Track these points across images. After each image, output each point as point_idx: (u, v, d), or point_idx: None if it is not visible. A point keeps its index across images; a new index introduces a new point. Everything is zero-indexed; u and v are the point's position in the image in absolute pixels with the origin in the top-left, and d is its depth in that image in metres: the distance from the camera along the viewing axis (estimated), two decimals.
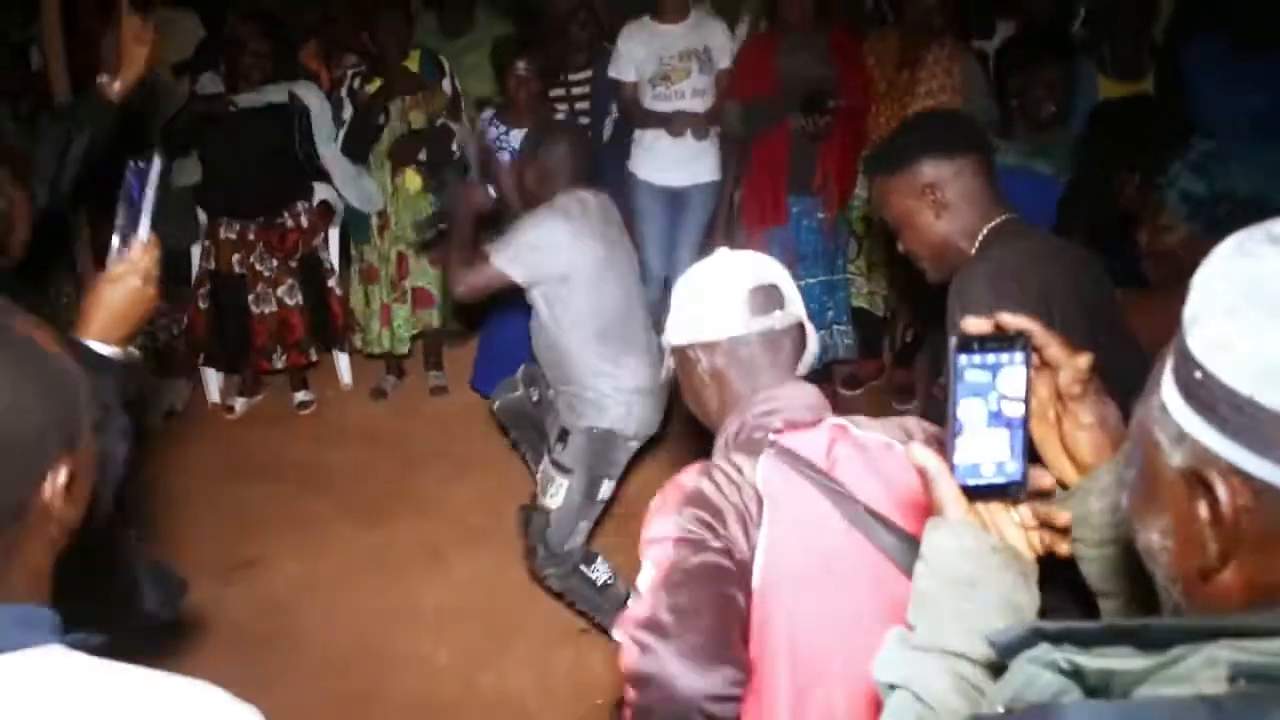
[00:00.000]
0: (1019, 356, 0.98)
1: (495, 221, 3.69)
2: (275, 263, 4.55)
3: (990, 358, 0.97)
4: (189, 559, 3.70)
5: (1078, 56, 3.91)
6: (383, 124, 4.46)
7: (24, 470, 0.91)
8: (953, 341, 0.96)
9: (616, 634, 2.66)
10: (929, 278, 2.20)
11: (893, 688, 0.99)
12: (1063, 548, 1.05)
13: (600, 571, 3.35)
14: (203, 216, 4.62)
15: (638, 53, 4.59)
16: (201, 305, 4.59)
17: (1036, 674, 0.79)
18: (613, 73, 4.65)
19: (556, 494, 3.22)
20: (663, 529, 1.48)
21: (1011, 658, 0.82)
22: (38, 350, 0.94)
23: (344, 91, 4.50)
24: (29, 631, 0.90)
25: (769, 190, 4.53)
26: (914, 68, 4.22)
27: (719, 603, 1.42)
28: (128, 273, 1.64)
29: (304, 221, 4.61)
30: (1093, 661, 0.76)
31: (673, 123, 4.54)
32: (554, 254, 3.10)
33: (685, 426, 3.17)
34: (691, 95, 4.58)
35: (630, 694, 1.44)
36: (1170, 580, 0.80)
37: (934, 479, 1.00)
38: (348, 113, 4.47)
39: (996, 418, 0.98)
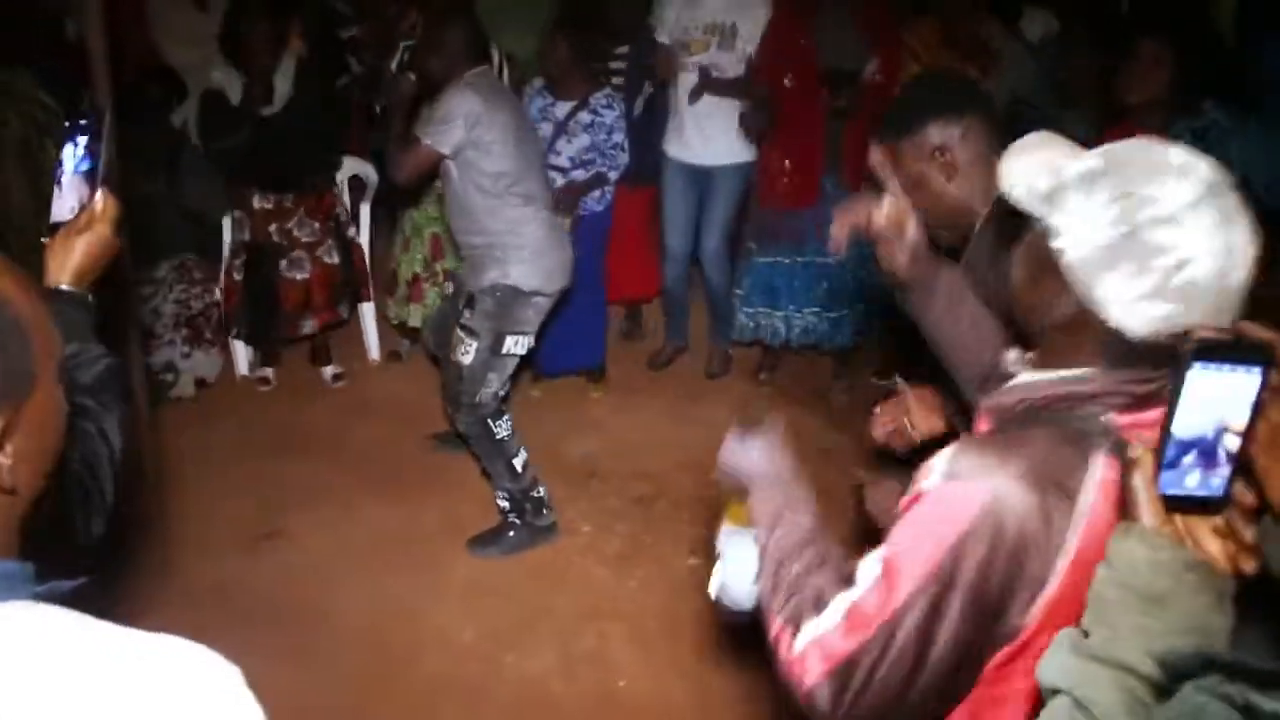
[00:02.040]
0: (1256, 372, 0.91)
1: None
2: (316, 225, 4.60)
3: (1226, 368, 0.91)
4: (216, 529, 3.72)
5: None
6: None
7: None
8: (1188, 346, 0.90)
9: None
10: (941, 242, 2.13)
11: (1056, 692, 0.94)
12: (1248, 565, 0.97)
13: (502, 429, 3.66)
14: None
15: (670, 15, 4.60)
16: (236, 277, 4.62)
17: (1205, 704, 0.75)
18: (656, 34, 4.65)
19: (467, 353, 3.58)
20: (932, 548, 1.18)
21: (1181, 683, 0.77)
22: None
23: (394, 66, 4.50)
24: None
25: (799, 170, 4.50)
26: (953, 48, 4.17)
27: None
28: (97, 221, 1.62)
29: (334, 185, 4.70)
30: (1269, 703, 0.71)
31: (695, 87, 4.52)
32: (471, 122, 3.44)
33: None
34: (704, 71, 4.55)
35: None
36: None
37: (1136, 481, 0.95)
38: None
39: (1216, 431, 0.92)
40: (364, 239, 4.92)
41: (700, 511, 3.68)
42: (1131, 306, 1.11)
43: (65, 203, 1.64)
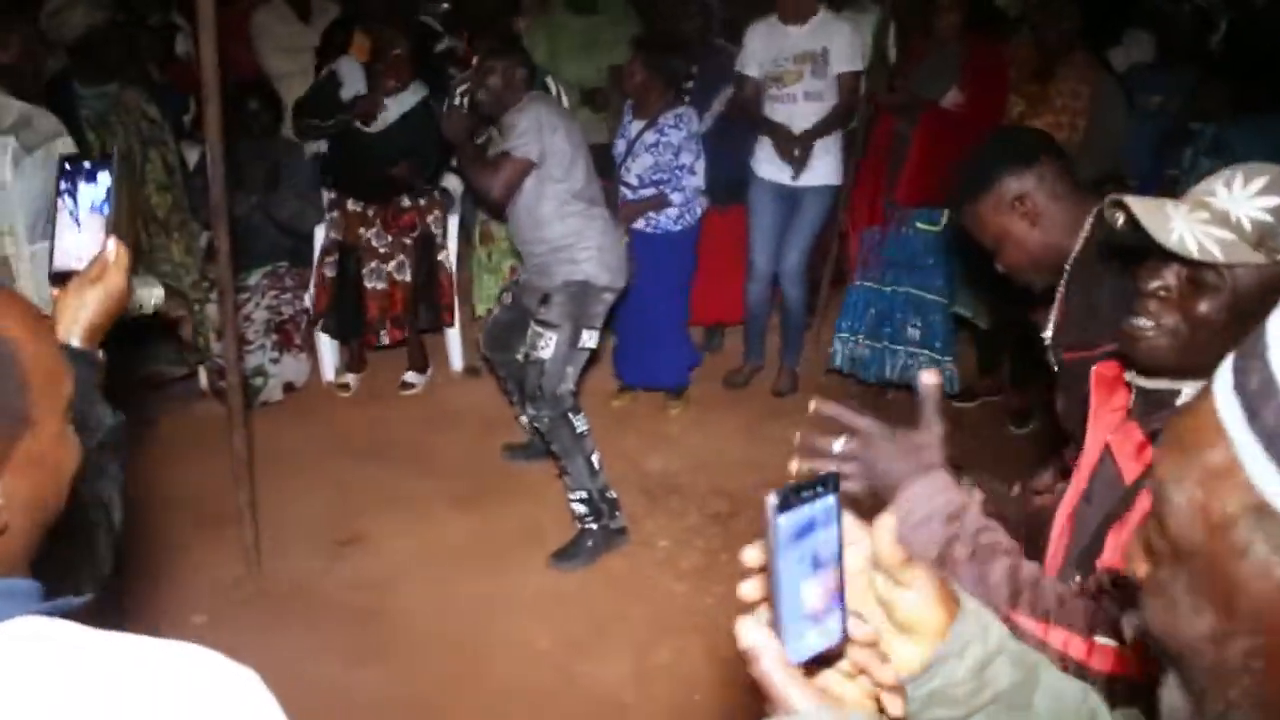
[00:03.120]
0: (831, 500, 0.82)
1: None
2: (390, 239, 4.71)
3: (806, 510, 0.80)
4: (298, 531, 3.80)
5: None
6: None
7: None
8: (771, 502, 0.79)
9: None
10: (1035, 288, 2.21)
11: None
12: (894, 707, 0.87)
13: (581, 423, 3.77)
14: (326, 194, 4.77)
15: (758, 50, 4.61)
16: (327, 274, 4.75)
17: None
18: (739, 66, 4.67)
19: (546, 346, 3.73)
20: None
21: None
22: None
23: (454, 101, 4.63)
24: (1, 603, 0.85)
25: (868, 191, 4.57)
26: (1046, 80, 4.12)
27: None
28: (110, 272, 1.50)
29: (421, 201, 4.77)
30: None
31: (777, 137, 4.57)
32: (548, 130, 3.70)
33: None
34: (804, 99, 4.57)
35: None
36: (1251, 704, 0.66)
37: (767, 668, 0.80)
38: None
39: (816, 574, 0.81)
40: (451, 256, 4.96)
41: None
42: None
43: (70, 250, 1.52)
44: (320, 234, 4.80)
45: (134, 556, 3.10)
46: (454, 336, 5.08)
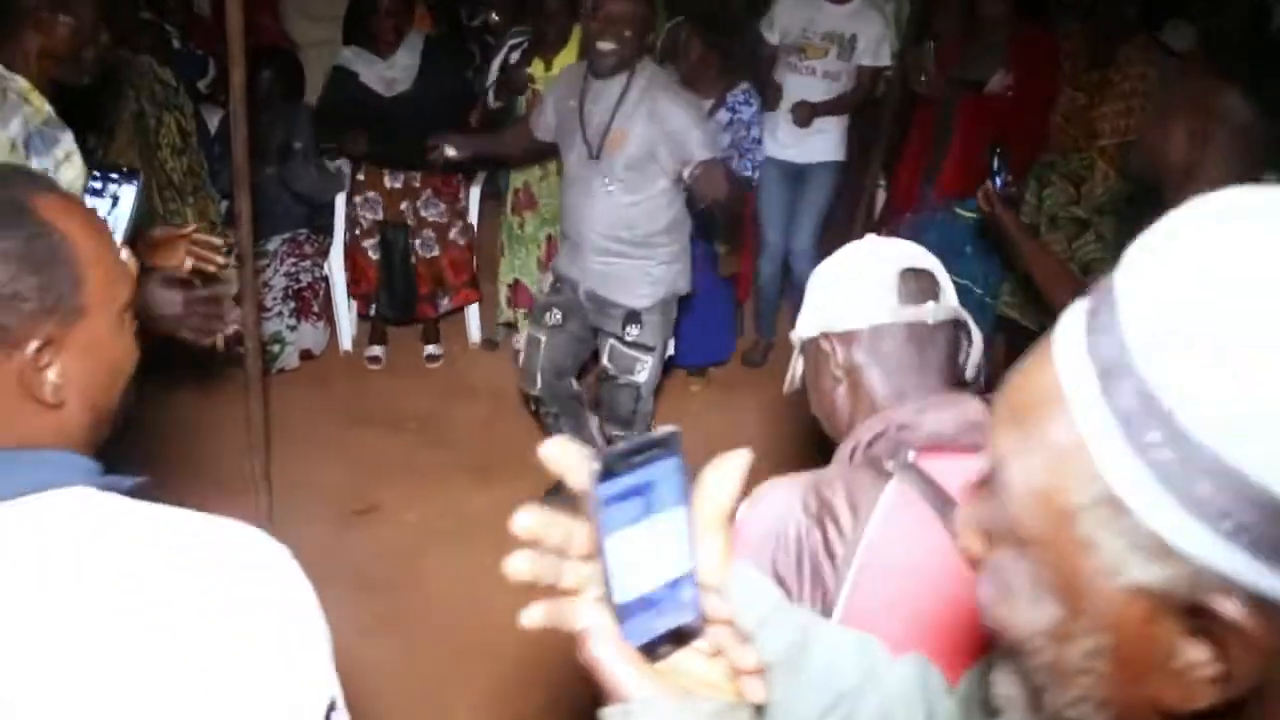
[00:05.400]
0: (672, 463, 0.70)
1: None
2: (444, 207, 4.65)
3: (639, 475, 0.68)
4: (313, 499, 3.80)
5: None
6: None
7: None
8: (593, 468, 0.68)
9: None
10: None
11: None
12: (755, 693, 0.74)
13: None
14: (345, 166, 4.71)
15: (785, 15, 4.57)
16: (373, 256, 4.69)
17: None
18: (762, 28, 4.65)
19: (643, 370, 3.45)
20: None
21: None
22: (35, 221, 0.98)
23: (497, 63, 4.55)
24: (55, 471, 0.95)
25: (906, 177, 4.58)
26: (1106, 66, 3.99)
27: None
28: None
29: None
30: None
31: (794, 109, 4.53)
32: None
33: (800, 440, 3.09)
34: (821, 76, 4.56)
35: None
36: (1092, 704, 0.60)
37: (598, 652, 0.69)
38: (490, 81, 4.54)
39: (656, 546, 0.70)
40: (473, 226, 4.93)
41: None
42: None
43: None
44: (340, 203, 4.77)
45: None
46: (473, 309, 5.06)
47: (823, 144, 4.64)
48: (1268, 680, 0.54)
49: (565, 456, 0.70)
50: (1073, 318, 0.60)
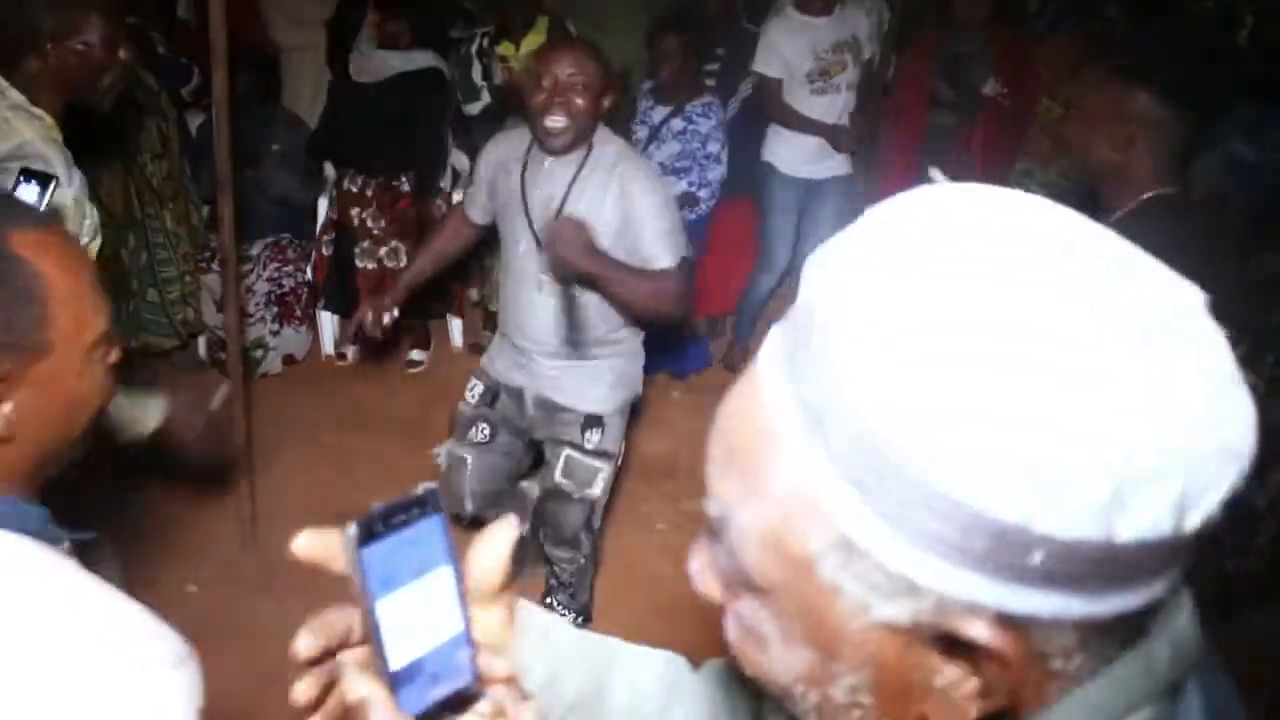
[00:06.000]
0: (434, 521, 0.68)
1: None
2: (385, 223, 4.58)
3: (403, 535, 0.67)
4: (297, 504, 3.79)
5: None
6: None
7: None
8: (350, 534, 0.66)
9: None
10: None
11: None
12: None
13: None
14: (330, 170, 4.70)
15: (787, 49, 4.43)
16: (325, 252, 4.71)
17: None
18: (759, 67, 4.50)
19: (601, 481, 2.99)
20: None
21: None
22: (6, 256, 0.97)
23: (473, 50, 4.53)
24: None
25: (897, 178, 4.54)
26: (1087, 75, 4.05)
27: None
28: None
29: (420, 186, 4.63)
30: None
31: (837, 136, 4.48)
32: None
33: None
34: (846, 89, 4.51)
35: None
36: None
37: None
38: (477, 71, 4.49)
39: (426, 609, 0.69)
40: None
41: None
42: None
43: None
44: (323, 207, 4.76)
45: (130, 525, 3.09)
46: (454, 319, 5.06)
47: (838, 158, 4.61)
48: (1032, 680, 0.54)
49: (317, 544, 0.70)
50: (772, 348, 0.58)
